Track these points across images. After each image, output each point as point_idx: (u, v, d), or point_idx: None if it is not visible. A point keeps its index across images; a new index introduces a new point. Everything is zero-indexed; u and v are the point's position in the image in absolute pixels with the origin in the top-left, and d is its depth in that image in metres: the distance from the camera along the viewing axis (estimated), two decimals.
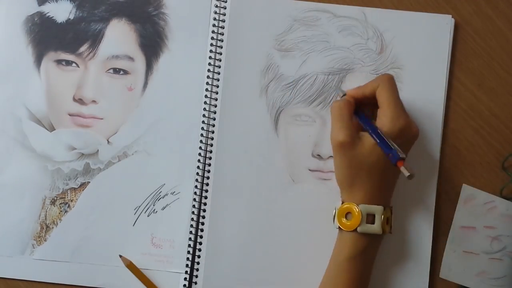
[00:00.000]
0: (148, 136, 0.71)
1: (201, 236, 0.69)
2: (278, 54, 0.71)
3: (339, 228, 0.64)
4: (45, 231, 0.70)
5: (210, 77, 0.71)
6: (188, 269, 0.69)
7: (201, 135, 0.71)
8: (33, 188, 0.71)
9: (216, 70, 0.71)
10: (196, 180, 0.70)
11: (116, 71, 0.71)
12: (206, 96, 0.71)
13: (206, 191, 0.70)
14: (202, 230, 0.70)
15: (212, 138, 0.70)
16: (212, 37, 0.71)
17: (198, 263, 0.69)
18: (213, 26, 0.71)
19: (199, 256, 0.69)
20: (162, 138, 0.71)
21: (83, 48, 0.71)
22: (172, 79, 0.71)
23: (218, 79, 0.71)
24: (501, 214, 0.68)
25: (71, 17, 0.72)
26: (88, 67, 0.71)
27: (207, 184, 0.70)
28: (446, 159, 0.70)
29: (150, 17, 0.72)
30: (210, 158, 0.70)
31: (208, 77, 0.71)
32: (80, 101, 0.71)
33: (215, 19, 0.71)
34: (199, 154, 0.70)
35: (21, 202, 0.71)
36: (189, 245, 0.70)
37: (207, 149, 0.70)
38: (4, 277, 0.70)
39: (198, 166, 0.70)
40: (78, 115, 0.71)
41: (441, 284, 0.69)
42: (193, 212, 0.70)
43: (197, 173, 0.70)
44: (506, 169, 0.69)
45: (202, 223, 0.70)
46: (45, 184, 0.71)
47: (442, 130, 0.69)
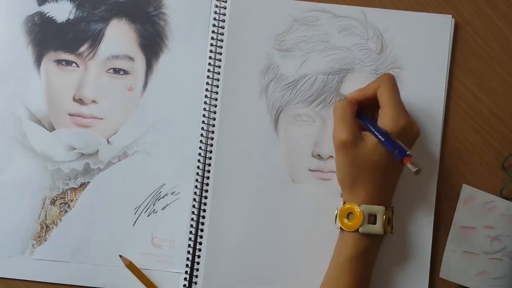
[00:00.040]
0: (148, 136, 0.71)
1: (201, 236, 0.69)
2: (278, 54, 0.71)
3: (341, 229, 0.64)
4: (45, 231, 0.70)
5: (210, 77, 0.71)
6: (188, 269, 0.69)
7: (201, 135, 0.70)
8: (33, 188, 0.71)
9: (216, 70, 0.71)
10: (196, 180, 0.70)
11: (116, 71, 0.71)
12: (206, 96, 0.71)
13: (206, 191, 0.70)
14: (202, 230, 0.70)
15: (212, 138, 0.70)
16: (212, 37, 0.71)
17: (198, 263, 0.69)
18: (213, 26, 0.71)
19: (199, 256, 0.69)
20: (162, 138, 0.71)
21: (83, 48, 0.71)
22: (172, 79, 0.71)
23: (218, 79, 0.71)
24: (501, 214, 0.68)
25: (71, 17, 0.72)
26: (88, 67, 0.71)
27: (207, 184, 0.70)
28: (446, 159, 0.69)
29: (150, 17, 0.72)
30: (210, 158, 0.70)
31: (208, 77, 0.71)
32: (80, 101, 0.71)
33: (215, 19, 0.71)
34: (199, 154, 0.70)
35: (21, 202, 0.71)
36: (189, 245, 0.70)
37: (207, 149, 0.70)
38: (4, 277, 0.70)
39: (198, 166, 0.70)
40: (78, 115, 0.71)
41: (441, 284, 0.69)
42: (193, 212, 0.70)
43: (197, 173, 0.70)
44: (506, 169, 0.69)
45: (202, 223, 0.70)
46: (45, 184, 0.71)
47: (442, 130, 0.69)
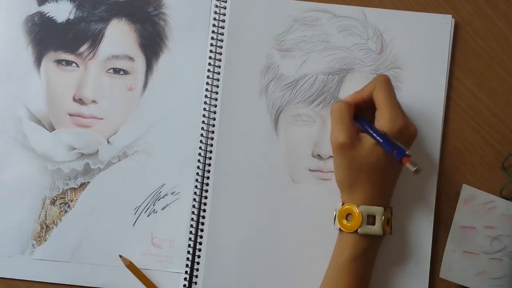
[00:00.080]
0: (148, 136, 0.71)
1: (201, 236, 0.69)
2: (278, 54, 0.71)
3: (340, 230, 0.64)
4: (45, 231, 0.70)
5: (210, 77, 0.71)
6: (188, 269, 0.69)
7: (201, 135, 0.70)
8: (33, 188, 0.71)
9: (216, 70, 0.71)
10: (196, 180, 0.70)
11: (116, 71, 0.71)
12: (206, 96, 0.71)
13: (206, 191, 0.70)
14: (202, 230, 0.70)
15: (212, 138, 0.70)
16: (212, 37, 0.71)
17: (198, 263, 0.69)
18: (213, 26, 0.71)
19: (199, 256, 0.69)
20: (162, 138, 0.71)
21: (83, 48, 0.71)
22: (172, 79, 0.71)
23: (218, 79, 0.71)
24: (501, 214, 0.68)
25: (71, 17, 0.72)
26: (88, 67, 0.71)
27: (207, 184, 0.70)
28: (446, 159, 0.69)
29: (150, 17, 0.72)
30: (210, 158, 0.70)
31: (208, 77, 0.71)
32: (80, 101, 0.71)
33: (215, 19, 0.71)
34: (199, 154, 0.70)
35: (21, 202, 0.71)
36: (189, 245, 0.70)
37: (207, 149, 0.70)
38: (4, 277, 0.70)
39: (198, 166, 0.70)
40: (78, 115, 0.71)
41: (441, 284, 0.69)
42: (193, 212, 0.70)
43: (197, 173, 0.70)
44: (506, 169, 0.69)
45: (202, 223, 0.70)
46: (45, 184, 0.71)
47: (442, 130, 0.69)
